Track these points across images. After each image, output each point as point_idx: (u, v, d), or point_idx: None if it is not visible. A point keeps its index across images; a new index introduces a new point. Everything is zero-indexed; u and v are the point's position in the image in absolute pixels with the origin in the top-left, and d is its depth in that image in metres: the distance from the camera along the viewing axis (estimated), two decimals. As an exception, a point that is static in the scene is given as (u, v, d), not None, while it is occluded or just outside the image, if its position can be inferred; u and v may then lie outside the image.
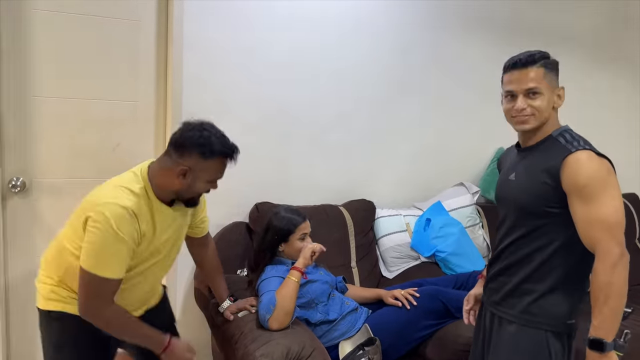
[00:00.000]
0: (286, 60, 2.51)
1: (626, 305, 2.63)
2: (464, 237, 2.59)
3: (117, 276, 1.48)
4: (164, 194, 1.57)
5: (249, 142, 2.47)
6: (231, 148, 1.56)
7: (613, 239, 1.34)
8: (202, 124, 1.55)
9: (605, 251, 1.34)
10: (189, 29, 2.27)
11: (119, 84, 2.26)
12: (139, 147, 2.34)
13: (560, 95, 1.49)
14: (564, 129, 1.49)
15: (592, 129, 3.43)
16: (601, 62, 3.37)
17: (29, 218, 2.21)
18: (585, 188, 1.36)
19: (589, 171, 1.37)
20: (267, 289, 1.92)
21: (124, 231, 1.44)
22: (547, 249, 1.47)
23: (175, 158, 1.52)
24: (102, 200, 1.47)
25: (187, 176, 1.52)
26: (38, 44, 2.12)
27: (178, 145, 1.53)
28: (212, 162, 1.53)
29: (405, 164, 2.88)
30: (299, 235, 2.10)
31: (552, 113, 1.49)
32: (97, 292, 1.47)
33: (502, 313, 1.56)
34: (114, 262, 1.46)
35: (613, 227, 1.35)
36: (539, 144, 1.50)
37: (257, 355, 1.68)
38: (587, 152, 1.40)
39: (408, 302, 2.12)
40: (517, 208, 1.53)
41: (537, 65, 1.46)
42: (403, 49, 2.77)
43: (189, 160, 1.51)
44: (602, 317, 1.35)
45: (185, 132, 1.53)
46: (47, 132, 2.18)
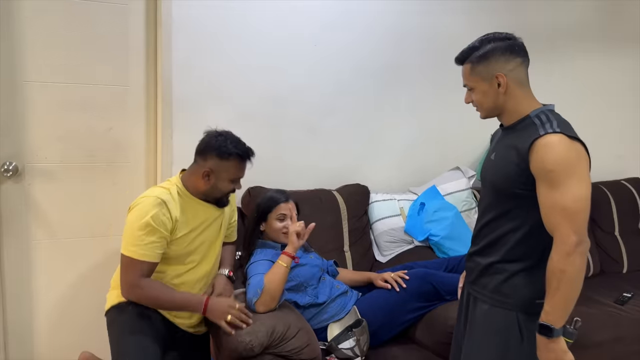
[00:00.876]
0: (278, 45, 2.49)
1: (626, 290, 2.65)
2: (458, 221, 2.57)
3: (148, 259, 1.71)
4: (195, 194, 1.85)
5: (240, 127, 2.43)
6: (245, 149, 1.82)
7: (571, 227, 1.31)
8: (219, 131, 1.84)
9: (562, 238, 1.32)
10: (178, 13, 2.26)
11: (109, 68, 2.27)
12: (130, 131, 2.35)
13: (500, 82, 1.44)
14: (543, 110, 1.45)
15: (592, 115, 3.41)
16: (610, 45, 3.32)
17: (23, 203, 2.23)
18: (551, 173, 1.34)
19: (556, 156, 1.34)
20: (255, 272, 1.92)
21: (155, 218, 1.70)
22: (519, 230, 1.45)
23: (199, 162, 1.82)
24: (140, 197, 1.77)
25: (210, 177, 1.80)
26: (27, 29, 2.13)
27: (200, 151, 1.83)
28: (230, 162, 1.79)
29: (401, 148, 2.86)
30: (276, 215, 2.10)
31: (506, 99, 1.45)
32: (132, 271, 1.70)
33: (476, 293, 1.56)
34: (146, 245, 1.70)
35: (573, 215, 1.32)
36: (516, 124, 1.48)
37: (242, 333, 1.69)
38: (559, 135, 1.35)
39: (398, 285, 2.11)
40: (492, 188, 1.52)
41: (465, 63, 1.50)
42: (398, 32, 2.74)
43: (210, 162, 1.79)
44: (553, 303, 1.34)
45: (206, 139, 1.83)
46: (38, 116, 2.19)
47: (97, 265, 2.34)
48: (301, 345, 1.74)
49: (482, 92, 1.47)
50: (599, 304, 2.55)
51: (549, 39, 3.10)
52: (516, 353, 1.47)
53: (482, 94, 1.48)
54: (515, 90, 1.46)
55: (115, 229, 2.38)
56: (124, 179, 2.38)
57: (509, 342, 1.47)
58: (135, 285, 1.72)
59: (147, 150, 2.40)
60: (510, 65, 1.45)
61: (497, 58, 1.44)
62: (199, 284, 1.91)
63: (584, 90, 3.27)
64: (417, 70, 2.82)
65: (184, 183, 1.85)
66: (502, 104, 1.47)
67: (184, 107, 2.34)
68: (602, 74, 3.33)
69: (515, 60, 1.45)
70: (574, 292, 1.35)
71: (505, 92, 1.45)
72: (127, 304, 1.80)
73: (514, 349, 1.47)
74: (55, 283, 2.32)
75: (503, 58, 1.44)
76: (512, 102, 1.46)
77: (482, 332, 1.52)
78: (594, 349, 2.30)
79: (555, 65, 3.15)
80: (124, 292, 1.76)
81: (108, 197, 2.36)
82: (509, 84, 1.44)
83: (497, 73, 1.44)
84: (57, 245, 2.30)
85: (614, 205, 3.11)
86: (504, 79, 1.44)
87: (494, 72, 1.44)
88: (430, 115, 2.89)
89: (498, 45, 1.45)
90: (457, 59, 1.53)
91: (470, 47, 1.49)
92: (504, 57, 1.44)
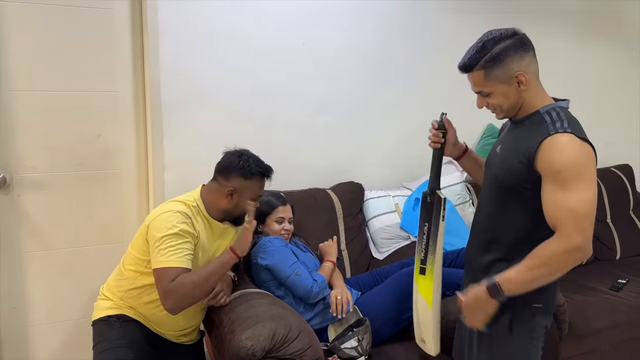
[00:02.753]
0: (266, 44, 2.47)
1: (620, 277, 2.67)
2: (453, 215, 2.57)
3: (180, 265, 1.68)
4: (214, 213, 1.85)
5: (231, 128, 2.45)
6: (266, 168, 1.88)
7: (578, 229, 1.30)
8: (239, 151, 1.87)
9: (568, 236, 1.31)
10: (164, 16, 2.23)
11: (95, 75, 2.23)
12: (119, 138, 2.32)
13: (521, 80, 1.39)
14: (554, 106, 1.42)
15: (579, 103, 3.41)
16: (599, 34, 3.34)
17: (13, 214, 2.19)
18: (559, 173, 1.32)
19: (565, 156, 1.32)
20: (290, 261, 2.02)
21: (181, 228, 1.71)
22: (519, 228, 1.44)
23: (221, 182, 1.83)
24: (159, 212, 1.76)
25: (233, 196, 1.82)
26: (10, 36, 2.08)
27: (222, 171, 1.84)
28: (253, 181, 1.83)
29: (393, 144, 2.85)
30: (275, 218, 2.14)
31: (525, 95, 1.42)
32: (161, 282, 1.67)
33: None
34: (176, 253, 1.69)
35: (580, 217, 1.31)
36: (524, 119, 1.45)
37: (242, 338, 1.67)
38: (569, 135, 1.33)
39: (400, 282, 2.08)
40: (495, 182, 1.50)
41: (476, 70, 1.42)
42: (387, 28, 2.73)
43: (234, 182, 1.82)
44: (519, 277, 1.36)
45: (227, 159, 1.85)
46: (25, 126, 2.15)
47: (91, 275, 2.31)
48: (303, 347, 1.73)
49: (503, 94, 1.42)
50: (594, 292, 2.57)
51: (534, 25, 3.10)
52: (515, 349, 1.48)
53: (503, 96, 1.42)
54: (533, 83, 1.42)
55: (108, 237, 2.35)
56: (115, 186, 2.35)
57: (507, 338, 1.48)
58: (167, 292, 1.67)
59: (138, 156, 2.36)
60: (525, 60, 1.40)
61: (512, 57, 1.38)
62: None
63: (570, 78, 3.28)
64: (406, 65, 2.81)
65: (204, 200, 1.84)
66: (522, 100, 1.43)
67: (174, 111, 2.32)
68: (588, 62, 3.36)
69: (529, 55, 1.41)
70: (542, 282, 1.36)
71: (527, 88, 1.40)
72: (116, 319, 1.82)
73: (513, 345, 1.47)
74: (49, 293, 2.29)
75: (517, 56, 1.38)
76: (530, 95, 1.43)
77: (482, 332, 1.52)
78: (592, 337, 2.33)
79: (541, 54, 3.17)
80: (166, 307, 1.70)
81: (100, 205, 2.33)
82: (529, 79, 1.39)
83: (517, 72, 1.38)
84: (50, 256, 2.27)
85: (605, 193, 3.14)
86: (525, 77, 1.39)
87: (513, 72, 1.39)
88: (420, 110, 2.87)
89: (508, 43, 1.38)
90: (463, 66, 1.45)
91: (476, 52, 1.41)
92: (518, 55, 1.39)
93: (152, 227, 1.73)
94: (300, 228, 2.35)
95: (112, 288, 1.88)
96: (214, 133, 2.40)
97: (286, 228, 2.15)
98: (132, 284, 1.82)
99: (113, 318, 1.82)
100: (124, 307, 1.84)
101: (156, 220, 1.74)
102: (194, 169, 2.26)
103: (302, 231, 2.35)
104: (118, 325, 1.81)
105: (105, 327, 1.82)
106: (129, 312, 1.84)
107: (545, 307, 1.48)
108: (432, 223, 1.81)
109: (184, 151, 2.35)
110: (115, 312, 1.83)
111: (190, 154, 2.36)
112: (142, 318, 1.85)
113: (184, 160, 2.34)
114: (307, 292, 1.99)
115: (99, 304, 1.89)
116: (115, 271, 1.91)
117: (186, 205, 1.79)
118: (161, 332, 1.89)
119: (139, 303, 1.83)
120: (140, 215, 2.41)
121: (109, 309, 1.84)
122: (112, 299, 1.86)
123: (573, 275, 2.72)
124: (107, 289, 1.90)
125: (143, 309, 1.84)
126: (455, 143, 1.76)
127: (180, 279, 1.67)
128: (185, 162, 2.35)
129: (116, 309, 1.84)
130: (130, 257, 1.83)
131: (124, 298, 1.84)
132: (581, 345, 2.30)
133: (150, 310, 1.84)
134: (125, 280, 1.83)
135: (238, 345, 1.66)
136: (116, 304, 1.85)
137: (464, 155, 1.80)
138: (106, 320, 1.83)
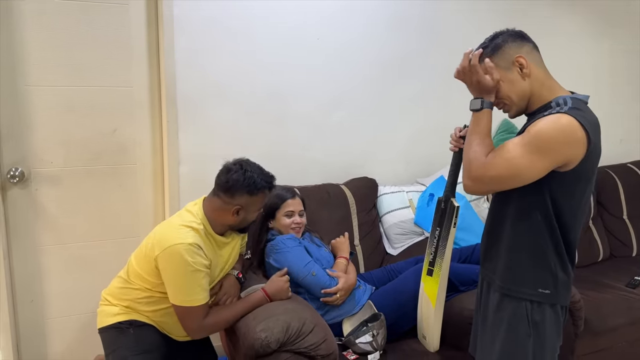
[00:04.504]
0: (281, 40, 2.47)
1: (637, 274, 2.65)
2: (468, 211, 2.56)
3: (204, 301, 1.74)
4: (219, 228, 1.83)
5: (246, 123, 2.46)
6: (270, 180, 1.81)
7: (487, 171, 1.37)
8: (241, 165, 1.78)
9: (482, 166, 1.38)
10: (179, 11, 2.24)
11: (111, 70, 2.25)
12: (135, 133, 2.33)
13: (522, 63, 1.41)
14: (565, 97, 1.41)
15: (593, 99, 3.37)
16: (613, 28, 3.30)
17: (30, 208, 2.21)
18: (529, 133, 1.34)
19: (547, 127, 1.32)
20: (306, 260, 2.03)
21: (197, 263, 1.69)
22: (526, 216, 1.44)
23: (226, 199, 1.77)
24: (170, 242, 1.69)
25: (240, 213, 1.79)
26: (26, 32, 2.10)
27: (227, 189, 1.76)
28: (259, 196, 1.79)
29: (408, 139, 2.84)
30: (284, 212, 2.12)
31: (532, 80, 1.43)
32: (194, 318, 1.74)
33: (489, 278, 1.57)
34: (198, 291, 1.71)
35: (498, 167, 1.36)
36: (536, 112, 1.46)
37: (257, 330, 1.68)
38: (566, 116, 1.32)
39: (412, 277, 2.08)
40: None
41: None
42: (401, 23, 2.72)
43: (240, 200, 1.76)
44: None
45: (230, 175, 1.76)
46: (42, 121, 2.18)
47: (106, 269, 2.32)
48: (318, 341, 1.73)
49: (508, 81, 1.44)
50: (610, 289, 2.55)
51: (546, 22, 3.07)
52: (525, 344, 1.46)
53: (509, 83, 1.44)
54: (536, 71, 1.43)
55: (124, 231, 2.37)
56: (131, 181, 2.36)
57: (518, 333, 1.46)
58: (202, 328, 1.77)
59: (153, 151, 2.38)
60: (525, 48, 1.44)
61: (510, 45, 1.43)
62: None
63: (585, 73, 3.25)
64: (421, 61, 2.80)
65: (208, 218, 1.79)
66: (528, 89, 1.44)
67: (189, 105, 2.33)
68: (602, 56, 3.32)
69: (528, 45, 1.45)
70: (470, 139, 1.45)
71: (530, 74, 1.43)
72: (128, 325, 1.79)
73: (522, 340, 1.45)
74: (66, 287, 2.31)
75: (515, 44, 1.44)
76: (536, 85, 1.44)
77: (493, 322, 1.52)
78: (608, 334, 2.31)
79: (554, 49, 3.14)
80: (193, 336, 1.81)
81: (115, 200, 2.34)
82: (530, 64, 1.42)
83: (516, 56, 1.42)
84: (66, 250, 2.29)
85: (622, 189, 3.10)
86: (524, 59, 1.42)
87: (512, 57, 1.42)
88: (435, 105, 2.87)
89: (506, 35, 1.46)
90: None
91: (481, 48, 1.48)
92: (516, 43, 1.44)
93: (166, 260, 1.68)
94: (314, 223, 2.35)
95: (117, 295, 1.84)
96: (229, 128, 2.42)
97: (296, 221, 2.12)
98: (141, 294, 1.80)
99: (125, 324, 1.79)
100: (133, 312, 1.81)
101: (170, 253, 1.67)
102: (209, 163, 2.26)
103: (315, 226, 2.35)
104: (131, 331, 1.78)
105: (118, 335, 1.79)
106: (140, 317, 1.81)
107: (555, 295, 1.46)
108: (443, 228, 1.88)
109: (199, 146, 2.36)
110: (125, 317, 1.80)
111: (205, 148, 2.37)
112: (153, 322, 1.83)
113: (199, 155, 2.35)
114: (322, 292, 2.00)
115: (104, 310, 1.84)
116: (118, 280, 1.86)
117: (195, 231, 1.74)
118: (169, 334, 1.87)
119: (149, 310, 1.81)
120: (156, 210, 2.42)
121: (118, 315, 1.80)
122: (118, 304, 1.82)
123: (589, 272, 2.77)
124: (111, 295, 1.86)
125: (153, 315, 1.81)
126: None
127: (213, 319, 1.78)
128: (201, 156, 2.36)
129: (125, 315, 1.80)
130: (136, 274, 1.79)
131: (132, 305, 1.81)
132: (597, 342, 2.28)
133: (160, 317, 1.82)
134: (133, 290, 1.80)
135: (253, 337, 1.67)
136: (124, 309, 1.81)
137: None
138: (117, 327, 1.79)
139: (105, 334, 1.82)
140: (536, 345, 1.46)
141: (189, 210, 1.82)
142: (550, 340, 1.49)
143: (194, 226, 1.75)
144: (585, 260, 2.90)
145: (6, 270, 2.15)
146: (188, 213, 1.81)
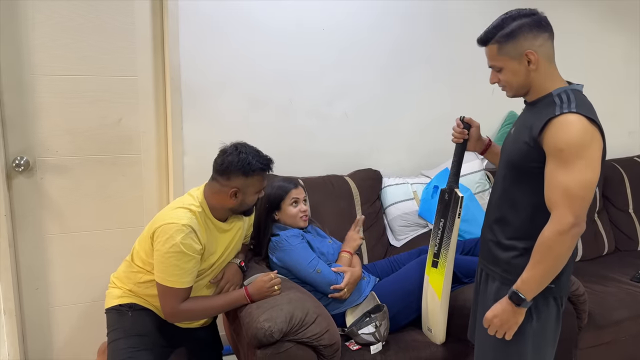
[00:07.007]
0: (286, 30, 2.46)
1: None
2: (472, 204, 2.55)
3: (184, 285, 1.74)
4: (220, 213, 1.84)
5: (250, 115, 2.46)
6: (266, 161, 1.80)
7: (570, 208, 1.32)
8: (236, 147, 1.79)
9: (559, 217, 1.33)
10: (184, 2, 2.23)
11: (116, 59, 2.25)
12: (140, 123, 2.34)
13: (530, 59, 1.40)
14: (566, 89, 1.42)
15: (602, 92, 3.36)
16: (622, 19, 3.27)
17: (36, 197, 2.22)
18: (561, 152, 1.33)
19: (569, 135, 1.32)
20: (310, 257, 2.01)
21: (187, 245, 1.70)
22: (528, 208, 1.45)
23: (223, 182, 1.78)
24: (165, 220, 1.73)
25: (238, 195, 1.79)
26: (32, 21, 2.10)
27: (222, 171, 1.78)
28: (255, 177, 1.78)
29: (413, 131, 2.83)
30: (289, 201, 2.11)
31: (534, 76, 1.43)
32: (169, 299, 1.74)
33: (488, 269, 1.57)
34: (179, 273, 1.71)
35: (574, 198, 1.32)
36: (537, 101, 1.46)
37: (260, 320, 1.69)
38: (576, 115, 1.33)
39: (416, 269, 2.08)
40: (507, 162, 1.52)
41: (490, 44, 1.45)
42: (409, 15, 2.70)
43: (236, 181, 1.77)
44: (531, 276, 1.38)
45: (225, 157, 1.78)
46: (47, 110, 2.18)
47: (111, 257, 2.33)
48: (321, 331, 1.74)
49: (512, 71, 1.44)
50: (615, 282, 2.55)
51: (555, 9, 3.04)
52: (525, 333, 1.47)
53: (512, 73, 1.44)
54: (544, 66, 1.43)
55: (128, 220, 2.38)
56: (135, 170, 2.37)
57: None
58: (176, 312, 1.77)
59: (158, 141, 2.38)
60: (539, 40, 1.41)
61: (525, 35, 1.40)
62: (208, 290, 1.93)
63: (593, 66, 3.22)
64: (427, 52, 2.78)
65: (208, 202, 1.81)
66: (531, 80, 1.44)
67: (194, 96, 2.33)
68: (610, 48, 3.28)
69: (543, 36, 1.42)
70: (554, 271, 1.38)
71: (536, 69, 1.42)
72: (128, 308, 1.84)
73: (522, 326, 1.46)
74: (70, 275, 2.33)
75: (531, 34, 1.40)
76: (541, 78, 1.44)
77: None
78: (612, 327, 2.30)
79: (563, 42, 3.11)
80: (167, 318, 1.81)
81: (120, 189, 2.35)
82: (539, 59, 1.41)
83: (528, 50, 1.40)
84: (71, 238, 2.31)
85: (628, 183, 3.08)
86: (535, 56, 1.40)
87: (524, 49, 1.41)
88: (440, 97, 2.86)
89: (524, 21, 1.41)
90: (480, 39, 1.49)
91: (493, 27, 1.45)
92: (532, 34, 1.40)
93: (158, 235, 1.72)
94: (318, 214, 2.35)
95: (123, 279, 1.90)
96: (233, 118, 2.42)
97: (302, 209, 2.11)
98: (142, 278, 1.83)
99: (125, 307, 1.85)
100: (134, 296, 1.86)
101: (162, 230, 1.71)
102: (213, 153, 2.25)
103: (319, 217, 2.34)
104: (130, 314, 1.84)
105: (118, 316, 1.85)
106: (140, 301, 1.86)
107: (557, 288, 1.46)
108: (447, 219, 1.87)
109: (204, 136, 2.36)
110: (126, 300, 1.86)
111: (210, 138, 2.34)
112: (152, 307, 1.86)
113: (204, 145, 2.35)
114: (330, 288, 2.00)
115: (110, 292, 1.91)
116: (125, 264, 1.92)
117: (192, 213, 1.76)
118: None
119: (149, 295, 1.84)
120: (160, 199, 2.43)
121: (120, 297, 1.86)
122: (123, 287, 1.88)
123: (594, 265, 2.75)
124: (118, 278, 1.92)
125: (154, 300, 1.84)
126: (478, 138, 1.79)
127: (189, 305, 1.78)
128: (205, 147, 2.34)
129: (127, 298, 1.86)
130: (138, 256, 1.84)
131: (134, 289, 1.86)
132: (601, 335, 2.28)
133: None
134: (135, 274, 1.85)
135: (256, 327, 1.68)
136: (126, 292, 1.87)
137: (487, 150, 1.82)
138: (118, 309, 1.85)
139: (108, 315, 1.88)
140: (536, 332, 1.47)
141: (190, 194, 1.85)
142: (550, 327, 1.50)
143: (192, 208, 1.77)
144: (590, 254, 2.89)
145: (12, 259, 2.16)
146: (189, 196, 1.84)
